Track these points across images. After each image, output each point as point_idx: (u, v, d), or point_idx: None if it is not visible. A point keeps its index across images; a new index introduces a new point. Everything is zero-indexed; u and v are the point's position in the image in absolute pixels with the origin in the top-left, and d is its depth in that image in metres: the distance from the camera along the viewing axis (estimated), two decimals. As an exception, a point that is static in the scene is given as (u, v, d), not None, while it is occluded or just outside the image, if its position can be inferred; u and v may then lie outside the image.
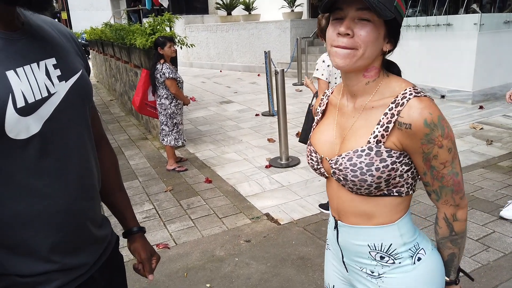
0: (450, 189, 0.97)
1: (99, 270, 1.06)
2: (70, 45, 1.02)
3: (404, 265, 1.02)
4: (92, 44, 12.38)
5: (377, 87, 0.99)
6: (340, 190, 1.05)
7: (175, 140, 4.46)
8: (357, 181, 0.96)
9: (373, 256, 1.04)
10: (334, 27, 0.95)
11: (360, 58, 0.93)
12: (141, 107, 4.68)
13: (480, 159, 4.27)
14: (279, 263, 2.71)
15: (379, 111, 0.97)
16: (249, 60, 12.22)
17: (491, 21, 6.41)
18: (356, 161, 0.96)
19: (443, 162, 0.94)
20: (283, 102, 4.37)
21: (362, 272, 1.08)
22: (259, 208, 3.52)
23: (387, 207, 1.00)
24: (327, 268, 1.27)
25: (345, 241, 1.09)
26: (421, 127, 0.90)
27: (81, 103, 0.98)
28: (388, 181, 0.96)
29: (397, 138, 0.94)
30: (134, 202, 3.82)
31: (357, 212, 1.03)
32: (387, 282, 1.04)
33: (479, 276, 2.44)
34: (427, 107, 0.91)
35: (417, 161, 0.96)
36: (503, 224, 2.98)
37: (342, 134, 1.04)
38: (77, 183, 0.95)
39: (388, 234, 1.02)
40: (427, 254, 1.04)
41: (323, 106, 1.16)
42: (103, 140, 1.20)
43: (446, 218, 1.01)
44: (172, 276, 2.66)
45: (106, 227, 1.12)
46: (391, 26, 0.94)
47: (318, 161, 1.08)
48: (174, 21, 5.44)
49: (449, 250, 1.05)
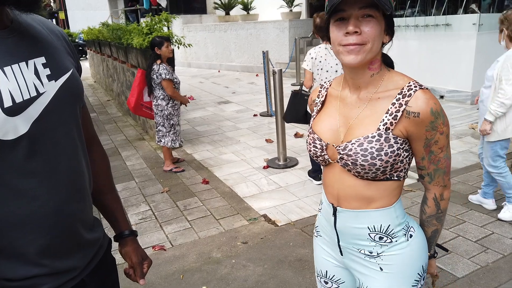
0: (443, 171, 1.10)
1: (90, 274, 1.03)
2: (60, 44, 0.99)
3: (399, 242, 1.13)
4: (90, 44, 12.35)
5: (381, 80, 1.09)
6: (343, 176, 1.13)
7: (172, 142, 4.42)
8: (367, 165, 1.05)
9: (372, 237, 1.13)
10: (338, 27, 1.02)
11: (369, 52, 1.01)
12: (136, 108, 4.63)
13: (478, 159, 4.24)
14: (276, 265, 2.69)
15: (385, 101, 1.06)
16: (247, 60, 12.20)
17: (490, 21, 6.39)
18: (367, 146, 1.04)
19: (441, 147, 1.06)
20: (281, 102, 4.34)
21: (359, 253, 1.16)
22: (257, 209, 3.49)
23: (387, 190, 1.10)
24: (317, 255, 1.33)
25: (344, 226, 1.16)
26: (428, 115, 1.02)
27: (71, 103, 0.96)
28: (392, 166, 1.06)
29: (403, 126, 1.04)
30: (130, 203, 3.79)
31: (359, 197, 1.11)
32: (386, 260, 1.13)
33: (478, 278, 2.42)
34: (431, 98, 1.03)
35: (417, 147, 1.07)
36: (501, 226, 2.96)
37: (346, 122, 1.12)
38: (67, 185, 0.93)
39: (386, 216, 1.11)
40: (416, 231, 1.16)
41: (322, 97, 1.23)
42: (95, 141, 1.17)
43: (435, 198, 1.14)
44: (168, 278, 2.63)
45: (98, 229, 1.10)
46: (388, 19, 1.04)
47: (323, 148, 1.15)
48: (171, 21, 5.41)
49: (434, 227, 1.18)
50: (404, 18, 7.26)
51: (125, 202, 3.82)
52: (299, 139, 5.37)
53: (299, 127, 5.95)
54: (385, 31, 1.05)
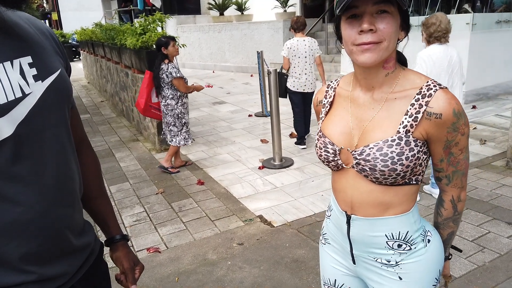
0: (461, 173, 1.05)
1: (82, 280, 1.00)
2: (48, 43, 0.96)
3: (418, 249, 1.07)
4: (83, 45, 12.26)
5: (397, 79, 1.02)
6: (357, 181, 1.06)
7: (184, 140, 4.40)
8: (387, 170, 0.99)
9: (390, 246, 1.07)
10: (351, 25, 0.95)
11: (386, 50, 0.95)
12: (146, 109, 4.58)
13: (474, 158, 4.26)
14: (272, 266, 2.66)
15: (403, 102, 1.00)
16: (241, 61, 12.17)
17: (483, 21, 6.43)
18: (387, 151, 0.98)
19: (461, 148, 1.01)
20: (276, 102, 4.32)
21: (376, 262, 1.10)
22: (252, 210, 3.47)
23: (405, 195, 1.05)
24: (324, 263, 1.27)
25: (358, 234, 1.10)
26: (450, 116, 0.96)
27: (59, 104, 0.92)
28: (412, 170, 1.00)
29: (423, 128, 0.98)
30: (125, 204, 3.75)
31: (376, 203, 1.05)
32: (405, 268, 1.08)
33: (475, 277, 2.41)
34: (453, 98, 0.97)
35: (436, 149, 1.01)
36: (498, 225, 2.96)
37: (360, 125, 1.05)
38: (54, 189, 0.89)
39: (404, 222, 1.06)
40: (433, 235, 1.11)
41: (329, 98, 1.16)
42: (85, 144, 1.14)
43: (453, 200, 1.08)
44: (163, 281, 2.59)
45: (89, 234, 1.06)
46: (404, 14, 0.98)
47: (336, 153, 1.08)
48: (165, 21, 5.37)
49: (450, 229, 1.13)
50: (398, 18, 7.26)
51: (119, 203, 3.78)
52: (294, 139, 5.35)
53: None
54: (401, 27, 0.98)
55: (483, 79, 6.69)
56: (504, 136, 4.82)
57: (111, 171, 4.64)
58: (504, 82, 6.94)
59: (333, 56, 9.88)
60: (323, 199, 3.58)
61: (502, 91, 7.03)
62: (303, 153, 4.81)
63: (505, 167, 4.00)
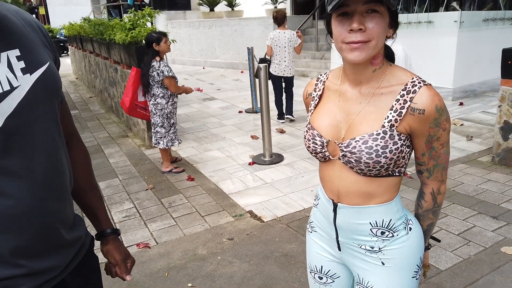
0: (442, 167, 1.10)
1: (72, 273, 1.00)
2: (36, 36, 0.95)
3: (400, 236, 1.12)
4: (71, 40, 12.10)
5: (384, 75, 1.06)
6: (344, 173, 1.10)
7: (171, 141, 4.24)
8: (372, 163, 1.03)
9: (374, 233, 1.12)
10: (341, 23, 0.98)
11: (373, 49, 0.98)
12: (131, 109, 4.40)
13: (460, 154, 4.33)
14: (262, 261, 2.68)
15: (389, 97, 1.04)
16: (232, 57, 12.15)
17: (471, 19, 6.51)
18: (372, 144, 1.02)
19: (442, 143, 1.05)
20: (267, 99, 4.33)
21: (360, 248, 1.15)
22: (242, 206, 3.48)
23: (389, 186, 1.09)
24: (311, 250, 1.31)
25: (344, 222, 1.14)
26: (432, 112, 1.00)
27: (48, 98, 0.92)
28: (395, 162, 1.05)
29: (407, 123, 1.02)
30: (114, 201, 3.73)
31: (361, 193, 1.09)
32: (387, 254, 1.13)
33: (461, 270, 2.46)
34: (436, 94, 1.01)
35: (419, 143, 1.06)
36: (483, 219, 3.02)
37: (347, 118, 1.09)
38: (45, 183, 0.89)
39: (388, 210, 1.11)
40: (414, 224, 1.17)
41: (319, 91, 1.19)
42: (75, 137, 1.13)
43: (433, 192, 1.13)
44: (153, 276, 2.60)
45: (80, 228, 1.06)
46: (392, 13, 1.01)
47: (323, 145, 1.12)
48: (154, 16, 5.33)
49: (429, 220, 1.19)
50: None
51: (109, 200, 3.76)
52: (284, 135, 5.38)
53: (284, 125, 5.95)
54: (389, 25, 1.02)
55: (470, 76, 6.79)
56: (490, 132, 4.91)
57: (100, 167, 4.61)
58: (490, 79, 7.05)
59: (323, 53, 9.92)
60: (312, 194, 3.61)
61: (488, 88, 7.14)
62: (293, 149, 4.83)
63: (491, 162, 4.08)
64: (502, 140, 3.96)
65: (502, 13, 7.08)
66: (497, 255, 2.58)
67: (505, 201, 3.27)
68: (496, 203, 3.24)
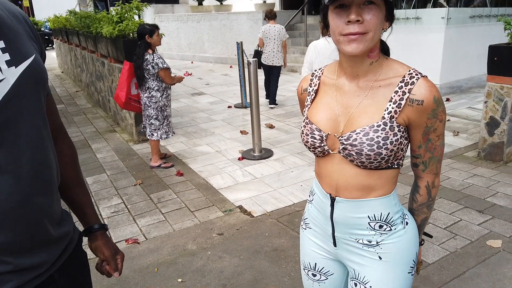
0: (437, 159, 1.11)
1: (60, 269, 0.99)
2: (21, 27, 0.92)
3: (398, 230, 1.13)
4: (56, 33, 11.87)
5: (381, 68, 1.07)
6: (343, 166, 1.11)
7: (166, 133, 4.23)
8: (373, 154, 1.03)
9: (372, 226, 1.11)
10: (339, 15, 0.98)
11: (371, 41, 0.99)
12: (126, 103, 4.37)
13: (447, 149, 4.39)
14: (252, 256, 2.68)
15: (387, 89, 1.05)
16: (221, 52, 12.07)
17: (458, 15, 6.58)
18: (373, 136, 1.03)
19: (438, 135, 1.07)
20: (256, 93, 4.32)
21: (357, 243, 1.15)
22: (232, 201, 3.47)
23: (387, 178, 1.10)
24: (305, 247, 1.30)
25: (342, 216, 1.14)
26: (430, 103, 1.02)
27: (34, 91, 0.89)
28: (395, 154, 1.06)
29: (406, 114, 1.03)
30: (102, 196, 3.69)
31: (360, 186, 1.10)
32: (385, 248, 1.13)
33: (447, 263, 2.50)
34: (433, 86, 1.03)
35: (416, 135, 1.07)
36: (469, 213, 3.07)
37: (346, 112, 1.09)
38: (32, 178, 0.87)
39: (386, 204, 1.11)
40: (410, 218, 1.17)
41: (314, 86, 1.19)
42: (61, 132, 1.11)
43: (428, 186, 1.14)
44: (142, 272, 2.58)
45: (67, 223, 1.04)
46: (389, 5, 1.01)
47: (323, 139, 1.12)
48: (142, 9, 5.26)
49: (424, 215, 1.19)
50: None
51: (96, 195, 3.71)
52: (274, 130, 5.38)
53: (273, 118, 5.95)
54: (385, 18, 1.02)
55: (457, 72, 6.88)
56: (476, 128, 4.99)
57: (87, 162, 4.55)
58: (477, 75, 7.15)
59: (312, 48, 9.91)
60: (302, 189, 3.62)
61: (475, 84, 7.24)
62: (282, 144, 4.84)
63: (477, 157, 4.15)
64: (487, 136, 4.03)
65: (489, 10, 7.17)
66: (482, 248, 2.62)
67: (491, 195, 3.33)
68: (481, 197, 3.29)
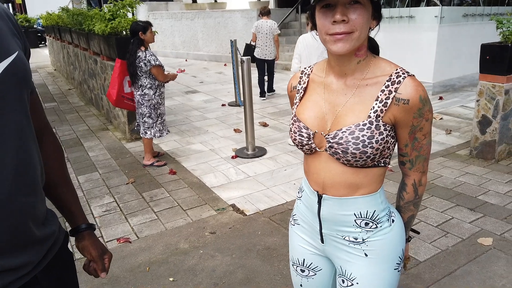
0: (424, 158, 1.12)
1: (44, 270, 0.97)
2: (3, 23, 0.90)
3: (384, 227, 1.14)
4: (49, 30, 11.77)
5: (368, 66, 1.07)
6: (330, 164, 1.11)
7: (159, 132, 4.18)
8: (358, 153, 1.04)
9: (358, 224, 1.12)
10: (325, 15, 0.99)
11: (357, 40, 0.99)
12: (118, 100, 4.33)
13: (439, 148, 4.41)
14: (244, 254, 2.68)
15: (373, 88, 1.05)
16: (215, 49, 12.04)
17: (451, 14, 6.61)
18: (358, 135, 1.03)
19: (425, 134, 1.07)
20: (250, 92, 4.31)
21: (344, 240, 1.16)
22: (225, 199, 3.46)
23: (374, 177, 1.10)
24: (294, 243, 1.31)
25: (329, 213, 1.15)
26: (416, 102, 1.02)
27: (17, 89, 0.87)
28: (381, 153, 1.06)
29: (392, 113, 1.04)
30: (94, 195, 3.66)
31: (347, 184, 1.10)
32: (371, 245, 1.14)
33: (439, 261, 2.51)
34: (420, 85, 1.03)
35: (403, 134, 1.07)
36: (461, 211, 3.08)
37: (333, 110, 1.10)
38: (15, 177, 0.85)
39: (372, 202, 1.12)
40: (396, 216, 1.18)
41: (303, 84, 1.20)
42: (47, 130, 1.09)
43: (414, 184, 1.15)
44: (133, 271, 2.56)
45: (52, 223, 1.02)
46: (375, 4, 1.02)
47: (310, 137, 1.12)
48: (135, 6, 5.21)
49: (410, 212, 1.20)
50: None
51: (88, 194, 3.69)
52: (267, 129, 5.37)
53: (267, 116, 5.95)
54: (372, 16, 1.02)
55: (450, 71, 6.91)
56: (468, 126, 5.01)
57: (79, 161, 4.51)
58: (469, 74, 7.19)
59: (306, 47, 9.91)
60: (295, 187, 3.62)
61: (467, 83, 7.28)
62: (276, 142, 4.83)
63: (469, 156, 4.17)
64: (479, 134, 4.05)
65: (481, 9, 7.20)
66: (474, 246, 2.64)
67: (482, 193, 3.35)
68: (473, 196, 3.31)
